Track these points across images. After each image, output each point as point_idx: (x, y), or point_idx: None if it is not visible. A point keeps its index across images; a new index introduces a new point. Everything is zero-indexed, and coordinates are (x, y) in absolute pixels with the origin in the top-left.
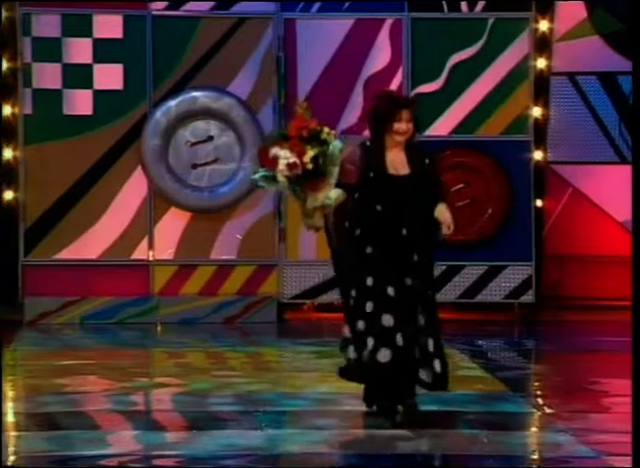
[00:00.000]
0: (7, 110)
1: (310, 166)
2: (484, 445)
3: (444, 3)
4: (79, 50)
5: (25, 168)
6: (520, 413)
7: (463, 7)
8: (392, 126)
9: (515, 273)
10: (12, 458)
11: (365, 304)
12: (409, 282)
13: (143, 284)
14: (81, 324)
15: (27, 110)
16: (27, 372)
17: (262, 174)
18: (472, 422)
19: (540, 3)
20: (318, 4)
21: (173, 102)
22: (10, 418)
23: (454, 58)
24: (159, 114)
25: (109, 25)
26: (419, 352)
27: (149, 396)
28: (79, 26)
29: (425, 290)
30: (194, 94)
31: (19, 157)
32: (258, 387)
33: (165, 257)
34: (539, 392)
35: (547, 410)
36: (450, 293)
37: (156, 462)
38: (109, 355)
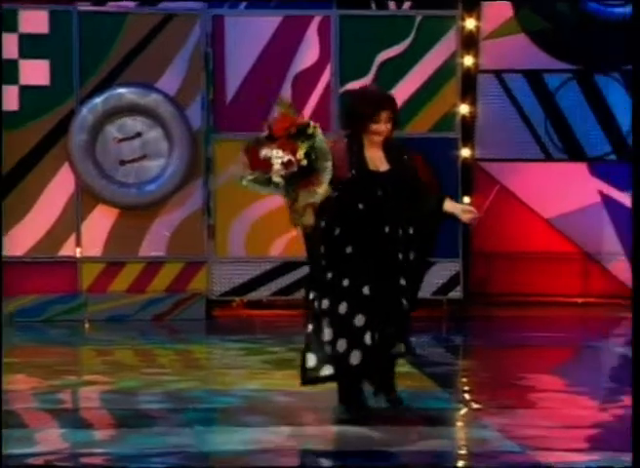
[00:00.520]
0: None
1: (305, 162)
2: (412, 441)
3: (372, 1)
4: (5, 45)
5: None
6: (448, 409)
7: (391, 5)
8: (370, 127)
9: (443, 270)
10: None
11: (338, 306)
12: (397, 280)
13: (71, 281)
14: (10, 322)
15: None
16: None
17: (254, 177)
18: (400, 418)
19: (467, 1)
20: (245, 2)
21: (100, 99)
22: None
23: (382, 56)
24: (86, 110)
25: (35, 21)
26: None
27: (77, 394)
28: (5, 21)
29: (410, 289)
30: (121, 90)
31: None
32: (187, 385)
33: (93, 254)
34: (466, 388)
35: (475, 406)
36: None
37: (84, 460)
38: (37, 353)
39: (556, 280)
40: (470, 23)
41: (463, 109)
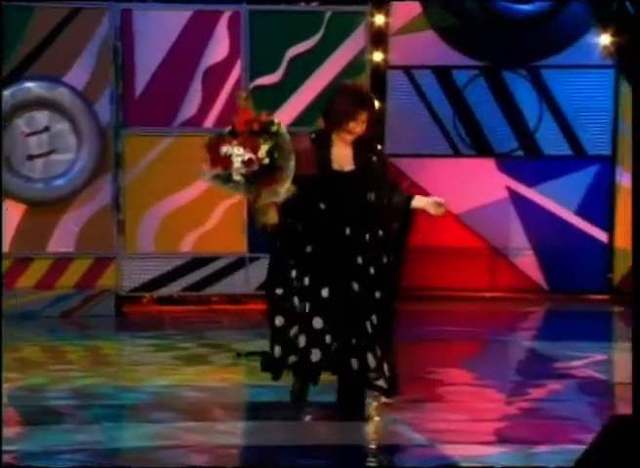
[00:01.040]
0: None
1: (267, 160)
2: (321, 435)
3: None
4: None
5: None
6: None
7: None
8: (347, 125)
9: None
10: None
11: (300, 304)
12: (350, 285)
13: None
14: None
15: None
16: None
17: (215, 174)
18: (310, 413)
19: None
20: None
21: (7, 93)
22: None
23: (292, 51)
24: None
25: None
26: (357, 359)
27: None
28: None
29: (371, 294)
30: (29, 84)
31: None
32: (95, 381)
33: None
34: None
35: (385, 400)
36: None
37: None
38: None
39: (465, 274)
40: (379, 19)
41: None
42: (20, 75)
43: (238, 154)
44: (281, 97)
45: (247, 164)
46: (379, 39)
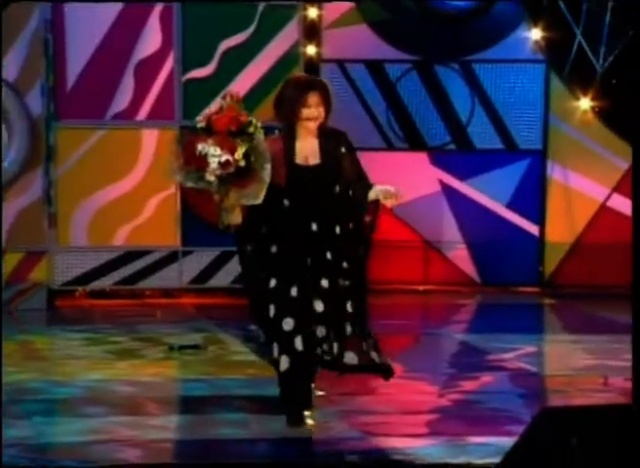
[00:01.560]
0: None
1: (243, 163)
2: (252, 428)
3: None
4: None
5: None
6: None
7: None
8: (301, 112)
9: None
10: None
11: (268, 307)
12: (321, 282)
13: None
14: None
15: None
16: None
17: (186, 173)
18: (243, 406)
19: None
20: None
21: None
22: None
23: (224, 44)
24: None
25: None
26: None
27: None
28: None
29: (343, 290)
30: None
31: None
32: (26, 376)
33: None
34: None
35: (318, 393)
36: (223, 279)
37: None
38: None
39: (398, 267)
40: (312, 13)
41: None
42: None
43: (214, 155)
44: (214, 91)
45: (224, 166)
46: (312, 32)
